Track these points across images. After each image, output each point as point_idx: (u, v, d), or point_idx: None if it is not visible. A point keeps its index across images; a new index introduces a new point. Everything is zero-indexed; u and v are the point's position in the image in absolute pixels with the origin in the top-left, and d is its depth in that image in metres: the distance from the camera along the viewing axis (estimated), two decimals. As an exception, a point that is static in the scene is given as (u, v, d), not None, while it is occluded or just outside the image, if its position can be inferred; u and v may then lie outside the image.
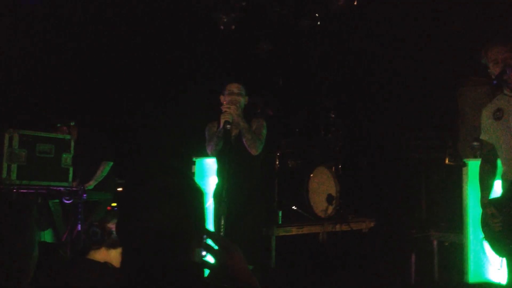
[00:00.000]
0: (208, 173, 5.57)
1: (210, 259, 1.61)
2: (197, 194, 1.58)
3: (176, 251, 1.50)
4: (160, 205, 1.49)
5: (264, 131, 4.43)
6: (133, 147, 6.74)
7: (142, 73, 6.87)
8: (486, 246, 3.63)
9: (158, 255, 1.48)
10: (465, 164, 4.66)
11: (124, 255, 1.53)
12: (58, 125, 5.52)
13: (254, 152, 4.28)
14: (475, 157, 4.70)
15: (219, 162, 4.45)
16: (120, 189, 5.90)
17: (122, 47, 6.63)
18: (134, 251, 1.50)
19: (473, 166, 4.57)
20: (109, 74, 6.66)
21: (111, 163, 5.71)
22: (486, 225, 3.45)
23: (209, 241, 1.61)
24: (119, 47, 6.62)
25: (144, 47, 6.73)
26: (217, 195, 4.36)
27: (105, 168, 5.67)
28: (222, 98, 4.41)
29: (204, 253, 1.60)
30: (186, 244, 1.52)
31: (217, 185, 4.48)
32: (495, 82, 3.20)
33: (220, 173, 4.43)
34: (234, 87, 4.38)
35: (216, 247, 1.60)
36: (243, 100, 4.38)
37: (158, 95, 6.96)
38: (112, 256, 2.33)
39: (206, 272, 1.63)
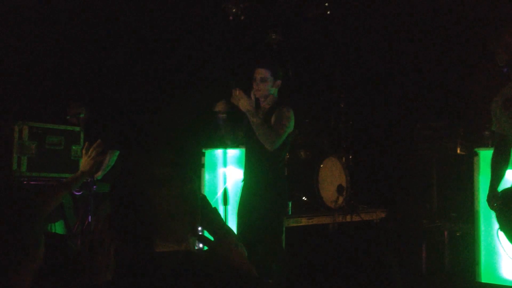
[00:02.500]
0: (218, 165, 5.56)
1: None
2: (190, 184, 1.60)
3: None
4: (153, 193, 1.52)
5: (288, 123, 3.98)
6: (142, 138, 6.74)
7: (151, 64, 6.86)
8: (502, 236, 3.59)
9: (151, 244, 1.50)
10: (476, 154, 4.62)
11: (118, 243, 1.55)
12: (68, 117, 5.55)
13: (269, 147, 3.88)
14: (486, 146, 4.65)
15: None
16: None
17: (130, 39, 6.63)
18: (127, 239, 1.52)
19: (484, 156, 4.53)
20: (118, 65, 6.66)
21: (117, 152, 5.72)
22: (502, 214, 3.42)
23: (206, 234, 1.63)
24: (127, 39, 6.62)
25: (153, 38, 6.72)
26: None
27: (111, 158, 5.69)
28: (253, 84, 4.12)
29: (200, 245, 1.62)
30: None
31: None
32: (505, 69, 3.15)
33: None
34: (258, 73, 4.07)
35: (212, 239, 1.61)
36: (269, 86, 4.05)
37: (168, 86, 6.96)
38: None
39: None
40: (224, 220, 1.80)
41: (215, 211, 1.73)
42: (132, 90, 6.70)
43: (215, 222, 1.71)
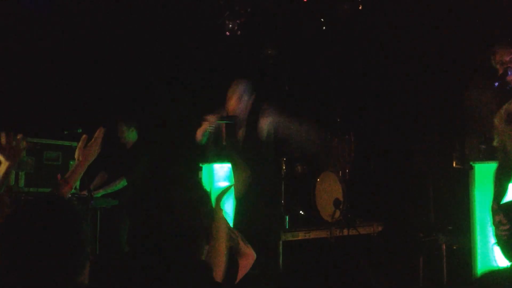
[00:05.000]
0: (215, 179, 5.57)
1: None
2: (204, 200, 1.68)
3: (186, 251, 1.64)
4: (171, 212, 1.64)
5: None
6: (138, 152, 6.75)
7: (148, 79, 6.90)
8: (497, 251, 3.60)
9: (170, 256, 1.61)
10: (472, 167, 4.64)
11: (137, 256, 1.63)
12: (66, 132, 5.56)
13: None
14: (482, 160, 4.68)
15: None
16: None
17: (128, 55, 6.67)
18: (147, 253, 1.60)
19: (480, 169, 4.55)
20: (117, 81, 6.69)
21: (125, 181, 5.79)
22: (499, 229, 3.43)
23: None
24: (125, 54, 6.66)
25: (148, 54, 6.76)
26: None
27: (120, 183, 5.74)
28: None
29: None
30: (195, 245, 1.67)
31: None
32: (496, 84, 3.19)
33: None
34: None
35: None
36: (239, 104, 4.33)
37: (164, 99, 6.99)
38: None
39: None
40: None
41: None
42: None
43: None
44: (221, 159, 5.28)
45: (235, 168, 4.23)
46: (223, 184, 5.24)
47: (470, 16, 5.71)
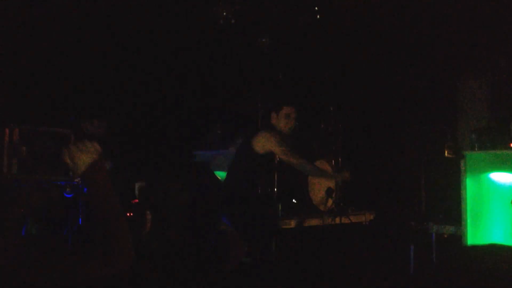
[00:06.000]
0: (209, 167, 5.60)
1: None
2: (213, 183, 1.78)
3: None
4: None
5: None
6: (133, 141, 6.75)
7: (143, 72, 6.87)
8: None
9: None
10: (463, 157, 4.68)
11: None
12: (60, 119, 5.55)
13: None
14: (473, 149, 4.72)
15: None
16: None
17: (121, 46, 6.64)
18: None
19: (471, 158, 4.59)
20: (111, 70, 6.67)
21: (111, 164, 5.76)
22: None
23: None
24: (118, 45, 6.63)
25: (140, 44, 6.73)
26: None
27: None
28: (274, 115, 4.50)
29: None
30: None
31: None
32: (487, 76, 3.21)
33: None
34: (290, 110, 4.52)
35: None
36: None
37: (157, 91, 6.98)
38: None
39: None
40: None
41: None
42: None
43: None
44: None
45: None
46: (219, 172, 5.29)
47: (463, 10, 5.73)
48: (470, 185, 4.56)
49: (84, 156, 1.79)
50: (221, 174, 5.50)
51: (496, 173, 3.79)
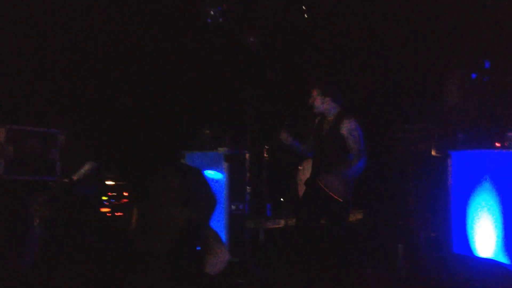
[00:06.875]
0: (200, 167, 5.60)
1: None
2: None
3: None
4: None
5: (358, 134, 4.45)
6: (118, 138, 6.74)
7: (130, 69, 6.86)
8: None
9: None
10: (449, 156, 4.72)
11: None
12: (46, 119, 5.53)
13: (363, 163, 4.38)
14: (459, 148, 4.76)
15: None
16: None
17: (110, 46, 6.62)
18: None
19: (457, 157, 4.63)
20: (99, 71, 6.65)
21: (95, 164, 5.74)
22: None
23: None
24: (107, 45, 6.61)
25: (128, 45, 6.72)
26: None
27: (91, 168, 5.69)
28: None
29: None
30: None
31: None
32: (473, 76, 3.24)
33: None
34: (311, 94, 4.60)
35: None
36: (320, 103, 4.63)
37: (146, 90, 6.97)
38: None
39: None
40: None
41: None
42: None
43: None
44: None
45: None
46: (211, 173, 5.30)
47: (449, 9, 5.77)
48: (456, 183, 4.60)
49: None
50: (211, 175, 5.52)
51: (481, 172, 3.83)
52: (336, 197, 4.14)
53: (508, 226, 4.34)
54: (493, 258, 4.23)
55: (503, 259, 4.27)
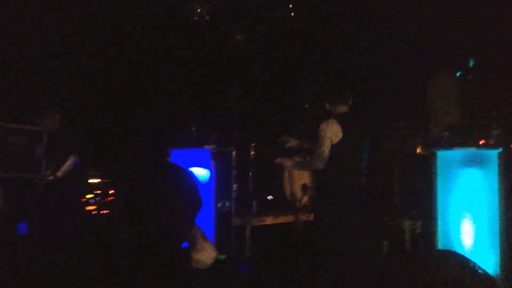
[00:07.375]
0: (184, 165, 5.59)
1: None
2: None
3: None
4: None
5: (322, 140, 4.47)
6: (107, 137, 6.71)
7: (116, 66, 6.83)
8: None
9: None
10: (434, 154, 4.75)
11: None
12: (32, 116, 5.48)
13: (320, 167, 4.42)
14: (444, 147, 4.80)
15: None
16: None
17: (99, 43, 6.59)
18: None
19: (442, 156, 4.67)
20: (86, 68, 6.61)
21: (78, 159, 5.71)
22: None
23: None
24: (96, 42, 6.57)
25: (116, 42, 6.68)
26: None
27: (73, 161, 5.64)
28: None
29: None
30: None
31: None
32: (458, 74, 3.27)
33: None
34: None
35: None
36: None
37: (132, 87, 6.95)
38: None
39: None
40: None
41: None
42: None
43: None
44: None
45: None
46: (197, 170, 5.29)
47: (434, 7, 5.81)
48: (440, 181, 4.64)
49: None
50: (198, 173, 5.51)
51: (466, 170, 3.87)
52: None
53: (491, 223, 4.40)
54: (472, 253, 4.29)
55: (488, 254, 4.34)
